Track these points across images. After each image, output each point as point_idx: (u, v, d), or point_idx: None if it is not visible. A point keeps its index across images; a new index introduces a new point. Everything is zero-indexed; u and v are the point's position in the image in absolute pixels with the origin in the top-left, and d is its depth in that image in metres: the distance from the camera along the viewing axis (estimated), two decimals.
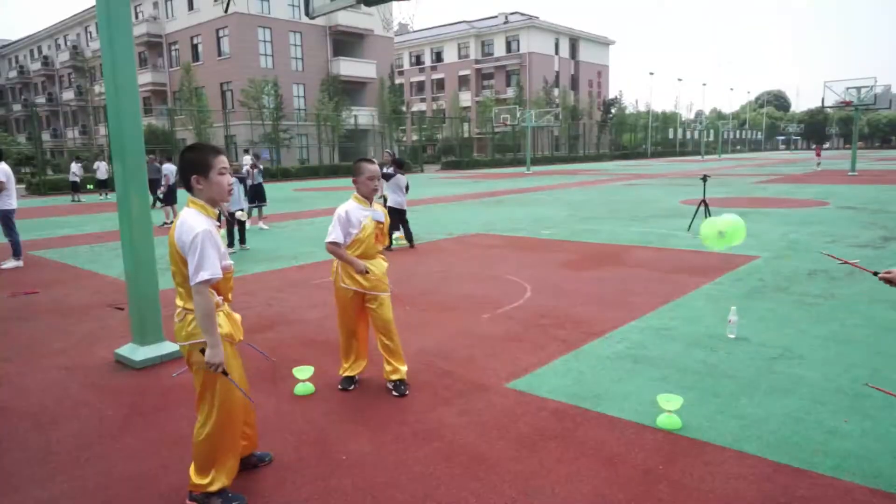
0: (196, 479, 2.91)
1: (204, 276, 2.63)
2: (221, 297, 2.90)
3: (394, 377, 4.24)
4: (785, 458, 3.23)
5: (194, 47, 48.27)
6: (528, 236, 11.66)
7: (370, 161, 4.15)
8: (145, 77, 50.43)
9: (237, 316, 3.01)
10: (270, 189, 16.95)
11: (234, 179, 3.07)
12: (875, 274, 2.89)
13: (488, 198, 21.23)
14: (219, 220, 2.91)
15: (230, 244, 10.54)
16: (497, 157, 57.18)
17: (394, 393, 4.19)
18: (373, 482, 3.10)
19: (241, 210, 10.73)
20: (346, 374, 4.35)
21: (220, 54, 46.10)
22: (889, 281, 2.83)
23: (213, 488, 2.89)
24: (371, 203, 4.17)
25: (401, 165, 10.96)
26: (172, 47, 50.81)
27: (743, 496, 2.89)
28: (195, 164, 2.77)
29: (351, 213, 4.09)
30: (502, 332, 5.55)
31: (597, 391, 4.17)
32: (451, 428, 3.68)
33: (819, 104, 33.54)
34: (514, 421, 3.76)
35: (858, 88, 30.08)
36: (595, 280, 7.64)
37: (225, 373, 2.78)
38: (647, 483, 3.03)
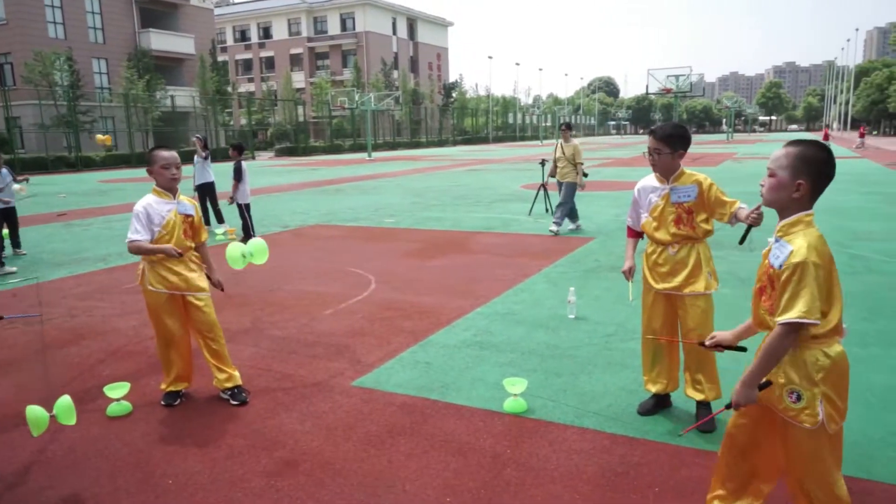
0: None
1: None
2: None
3: (229, 385, 4.05)
4: (621, 429, 3.57)
5: None
6: (370, 226, 11.68)
7: (165, 148, 3.98)
8: None
9: None
10: (70, 182, 15.33)
11: None
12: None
13: (327, 186, 20.94)
14: None
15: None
16: (336, 142, 56.50)
17: (233, 402, 4.01)
18: None
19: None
20: (170, 388, 4.08)
21: None
22: None
23: None
24: (175, 195, 3.99)
25: (240, 150, 10.37)
26: None
27: (584, 470, 3.15)
28: None
29: (151, 207, 3.87)
30: (346, 328, 5.52)
31: (445, 381, 4.31)
32: (292, 435, 3.61)
33: (644, 91, 37.19)
34: (361, 420, 3.77)
35: (677, 76, 33.85)
36: (441, 268, 7.86)
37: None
38: (495, 469, 3.19)
